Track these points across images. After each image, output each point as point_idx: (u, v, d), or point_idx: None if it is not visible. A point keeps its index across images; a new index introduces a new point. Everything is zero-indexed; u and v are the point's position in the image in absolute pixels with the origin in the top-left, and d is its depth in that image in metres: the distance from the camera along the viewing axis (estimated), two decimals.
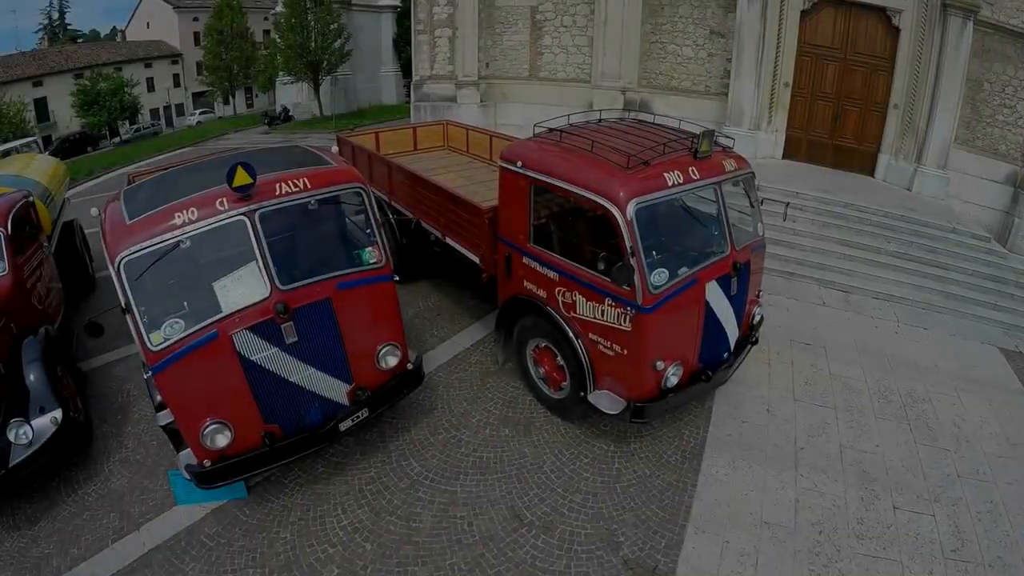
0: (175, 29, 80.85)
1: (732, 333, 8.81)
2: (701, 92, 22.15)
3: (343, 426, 7.86)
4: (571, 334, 8.48)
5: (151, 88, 77.23)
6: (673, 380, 8.06)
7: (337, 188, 7.72)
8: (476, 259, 10.34)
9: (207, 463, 7.17)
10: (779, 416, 9.66)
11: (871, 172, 19.50)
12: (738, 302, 8.73)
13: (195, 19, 79.16)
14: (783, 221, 9.50)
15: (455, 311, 13.01)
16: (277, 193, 7.13)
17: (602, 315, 8.02)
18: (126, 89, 66.19)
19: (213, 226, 6.80)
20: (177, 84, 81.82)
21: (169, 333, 6.71)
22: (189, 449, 7.26)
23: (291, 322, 7.11)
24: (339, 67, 52.12)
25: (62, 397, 8.50)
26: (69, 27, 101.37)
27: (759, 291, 9.55)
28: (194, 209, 6.77)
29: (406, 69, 58.32)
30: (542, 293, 8.87)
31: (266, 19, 74.44)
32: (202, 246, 6.92)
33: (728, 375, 9.05)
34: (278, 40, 51.69)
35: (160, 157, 41.35)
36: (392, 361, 8.23)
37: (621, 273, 7.41)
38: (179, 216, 6.71)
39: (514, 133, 14.92)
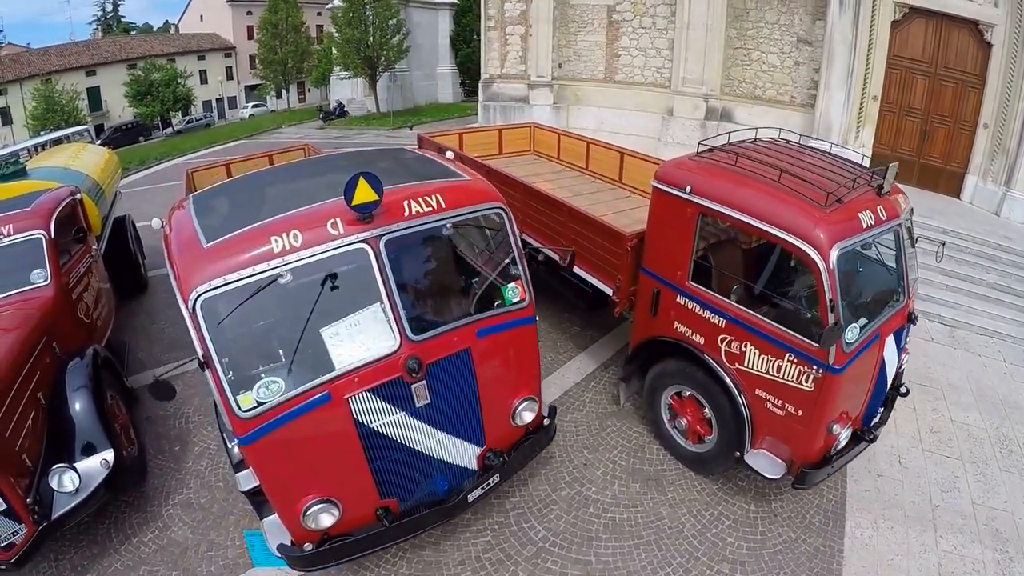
0: (228, 23, 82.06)
1: (886, 385, 7.92)
2: (786, 102, 20.63)
3: (472, 496, 6.58)
4: (733, 388, 7.39)
5: (204, 80, 78.34)
6: (842, 443, 7.23)
7: (476, 208, 6.31)
8: (608, 290, 9.11)
9: (308, 546, 5.93)
10: (911, 469, 8.93)
11: (957, 194, 18.08)
12: (899, 352, 7.84)
13: (248, 13, 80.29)
14: (937, 262, 8.31)
15: (557, 338, 11.88)
16: (406, 214, 5.76)
17: (778, 371, 6.93)
18: (179, 80, 67.09)
19: (324, 255, 5.44)
20: (230, 77, 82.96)
21: (265, 395, 5.32)
22: (277, 517, 6.05)
23: (423, 381, 5.80)
24: (397, 63, 51.68)
25: (113, 433, 7.33)
26: (122, 19, 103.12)
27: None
28: (297, 232, 5.39)
29: (462, 67, 59.06)
30: (699, 338, 7.74)
31: (319, 14, 75.97)
32: (307, 281, 5.50)
33: (880, 431, 8.09)
34: (335, 34, 51.51)
35: (214, 149, 41.39)
36: (529, 417, 6.95)
37: (831, 334, 6.17)
38: (277, 241, 5.33)
39: (588, 136, 14.24)
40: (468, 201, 6.21)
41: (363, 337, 5.61)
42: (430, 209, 5.86)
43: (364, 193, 5.34)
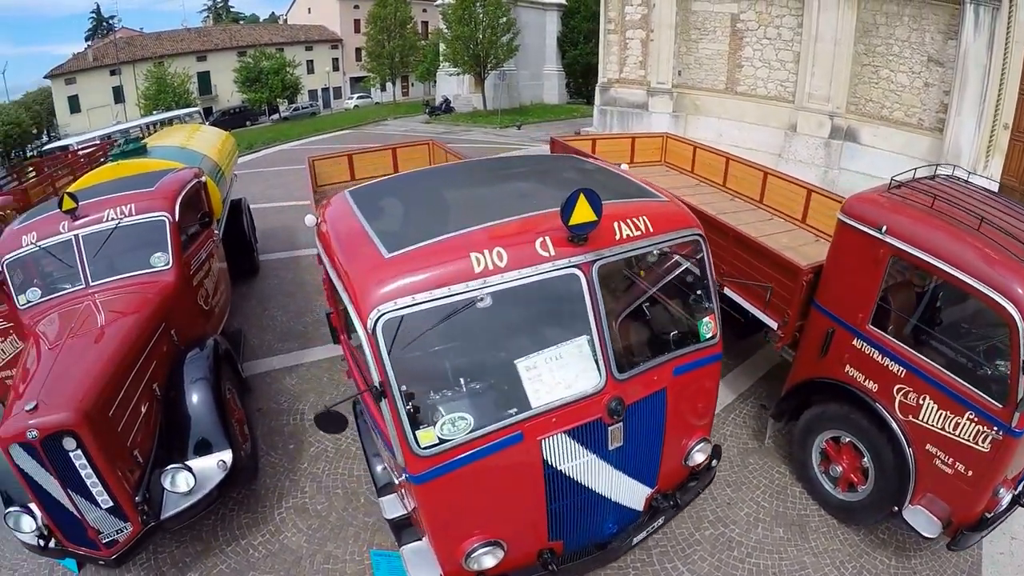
0: (336, 15, 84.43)
1: None
2: (913, 125, 19.34)
3: (636, 539, 5.98)
4: (903, 440, 6.80)
5: (311, 70, 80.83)
6: (1004, 506, 6.73)
7: (679, 234, 5.58)
8: (772, 324, 8.51)
9: None
10: None
11: None
12: None
13: (356, 7, 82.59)
14: None
15: None
16: (616, 237, 5.04)
17: (955, 428, 6.36)
18: (287, 69, 68.65)
19: (531, 279, 4.72)
20: (336, 68, 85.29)
21: (449, 432, 4.66)
22: (421, 546, 5.52)
23: (621, 423, 5.15)
24: (505, 62, 51.33)
25: (231, 431, 6.94)
26: (231, 9, 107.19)
27: None
28: (502, 250, 4.67)
29: (569, 69, 58.56)
30: (871, 385, 7.13)
31: (424, 11, 78.03)
32: (504, 306, 4.86)
33: None
34: (445, 30, 51.32)
35: (320, 137, 42.09)
36: (700, 458, 6.32)
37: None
38: (479, 259, 4.61)
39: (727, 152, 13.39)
40: (672, 226, 5.54)
41: (564, 372, 4.96)
42: (639, 233, 5.20)
43: (583, 212, 4.63)
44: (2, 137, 60.52)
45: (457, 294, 4.47)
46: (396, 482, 5.37)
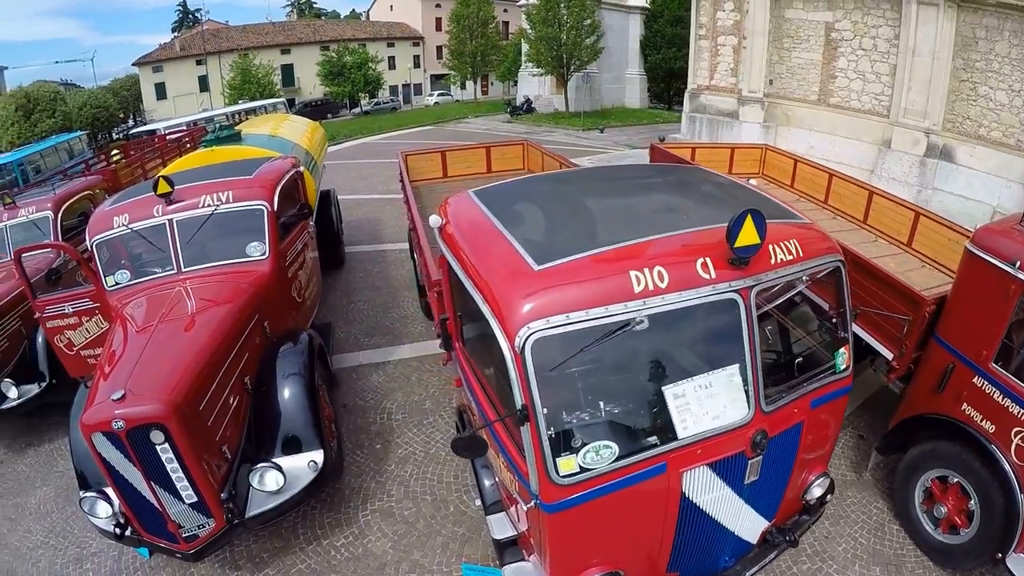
0: (418, 13, 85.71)
1: None
2: (1011, 146, 18.14)
3: (749, 572, 5.68)
4: (1017, 486, 6.51)
5: (392, 66, 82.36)
6: None
7: (824, 259, 5.23)
8: (888, 354, 8.11)
9: None
10: None
11: None
12: None
13: (438, 5, 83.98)
14: None
15: None
16: (772, 262, 4.70)
17: None
18: (370, 64, 70.31)
19: (690, 302, 4.38)
20: (417, 65, 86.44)
21: (592, 461, 4.30)
22: (526, 567, 5.39)
23: (761, 456, 4.85)
24: (589, 64, 51.01)
25: (323, 430, 6.69)
26: (314, 5, 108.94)
27: None
28: (662, 270, 4.30)
29: (651, 73, 58.04)
30: (988, 425, 6.81)
31: (505, 11, 78.79)
32: (653, 328, 4.47)
33: None
34: (528, 31, 51.23)
35: (402, 132, 42.74)
36: (817, 493, 5.97)
37: None
38: (639, 278, 4.24)
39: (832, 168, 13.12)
40: (818, 251, 5.19)
41: (712, 402, 4.63)
42: (791, 258, 4.85)
43: (748, 234, 4.32)
44: (90, 120, 62.24)
45: (614, 315, 4.13)
46: (524, 506, 5.02)
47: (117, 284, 7.67)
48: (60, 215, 11.24)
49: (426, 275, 8.28)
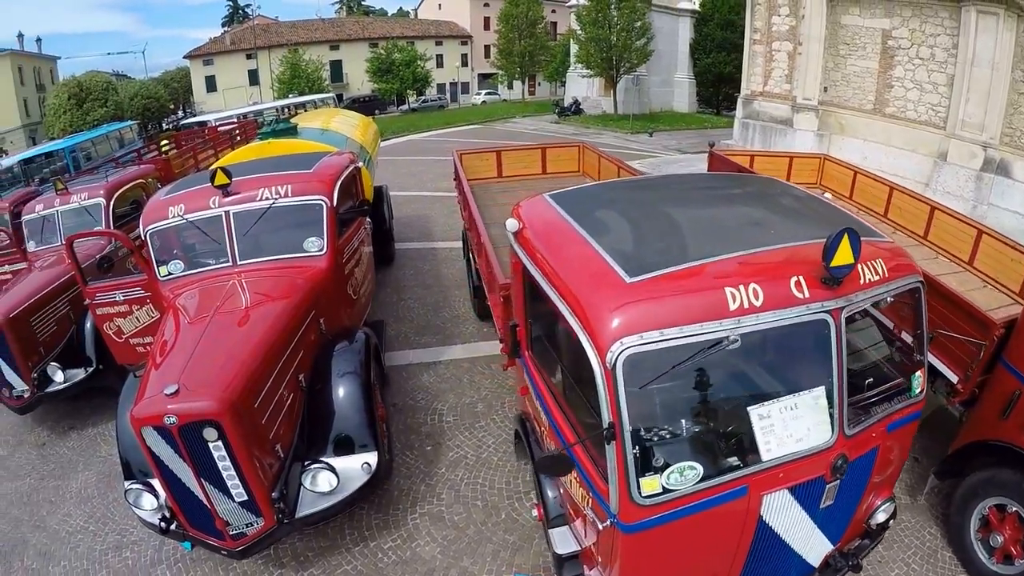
0: (466, 12, 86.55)
1: None
2: None
3: None
4: None
5: (440, 64, 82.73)
6: None
7: (906, 280, 5.04)
8: (952, 377, 7.85)
9: None
10: None
11: None
12: None
13: (486, 4, 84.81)
14: None
15: None
16: (861, 282, 4.55)
17: None
18: (419, 62, 70.90)
19: (783, 322, 4.25)
20: (464, 64, 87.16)
21: (676, 482, 4.18)
22: None
23: (839, 480, 4.72)
24: (638, 66, 50.72)
25: (377, 431, 6.57)
26: (362, 3, 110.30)
27: None
28: (757, 287, 4.17)
29: (700, 77, 57.64)
30: None
31: (553, 11, 78.74)
32: (744, 348, 4.35)
33: None
34: (578, 31, 51.08)
35: (449, 130, 43.01)
36: (882, 518, 5.78)
37: None
38: (734, 295, 4.11)
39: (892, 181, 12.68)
40: (901, 271, 5.01)
41: (796, 425, 4.50)
42: (878, 278, 4.70)
43: (844, 254, 4.17)
44: (141, 110, 63.46)
45: (708, 332, 3.98)
46: (600, 525, 4.88)
47: (170, 274, 7.62)
48: (112, 203, 11.29)
49: (487, 278, 8.15)
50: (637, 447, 4.05)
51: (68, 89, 56.90)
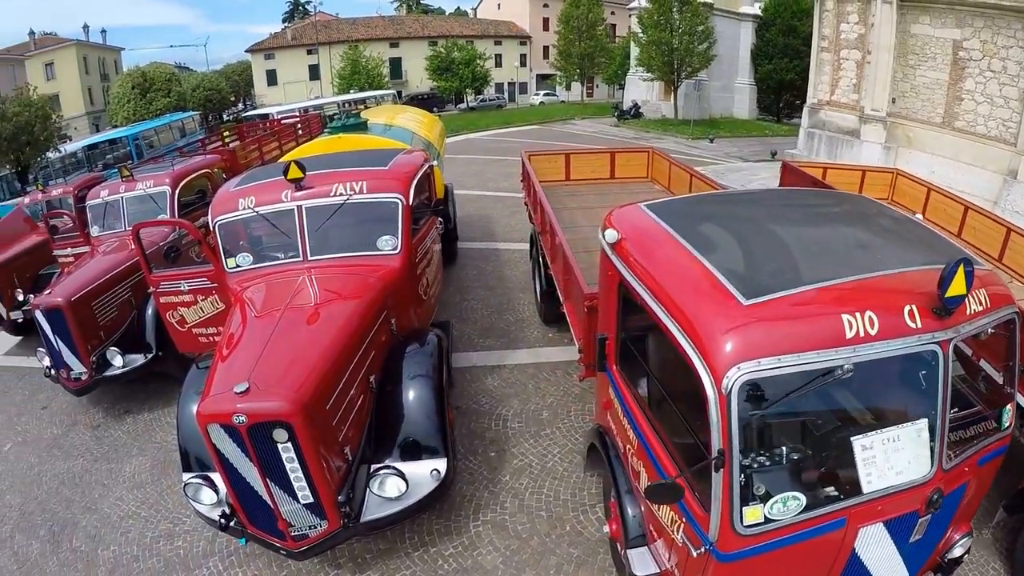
0: (525, 12, 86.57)
1: None
2: None
3: None
4: None
5: (499, 64, 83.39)
6: None
7: (1003, 311, 4.81)
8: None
9: None
10: None
11: None
12: None
13: (545, 5, 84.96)
14: None
15: None
16: (968, 313, 4.39)
17: None
18: (478, 61, 71.38)
19: (895, 352, 4.09)
20: (523, 64, 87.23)
21: (779, 512, 4.06)
22: None
23: (931, 515, 4.59)
24: (700, 71, 50.28)
25: (447, 437, 6.41)
26: (421, 2, 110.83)
27: None
28: (873, 315, 4.02)
29: (761, 83, 56.79)
30: None
31: (612, 13, 78.69)
32: (851, 376, 4.06)
33: None
34: (639, 34, 50.59)
35: (508, 130, 42.85)
36: (958, 553, 5.56)
37: None
38: (851, 322, 3.96)
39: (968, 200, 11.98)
40: (1000, 302, 4.79)
41: (897, 457, 4.35)
42: (982, 309, 4.51)
43: (958, 284, 4.03)
44: (202, 101, 64.65)
45: (825, 360, 3.83)
46: (694, 552, 4.72)
47: (238, 267, 7.55)
48: (177, 192, 11.31)
49: (564, 285, 7.97)
50: (743, 475, 3.92)
51: (132, 79, 58.14)
